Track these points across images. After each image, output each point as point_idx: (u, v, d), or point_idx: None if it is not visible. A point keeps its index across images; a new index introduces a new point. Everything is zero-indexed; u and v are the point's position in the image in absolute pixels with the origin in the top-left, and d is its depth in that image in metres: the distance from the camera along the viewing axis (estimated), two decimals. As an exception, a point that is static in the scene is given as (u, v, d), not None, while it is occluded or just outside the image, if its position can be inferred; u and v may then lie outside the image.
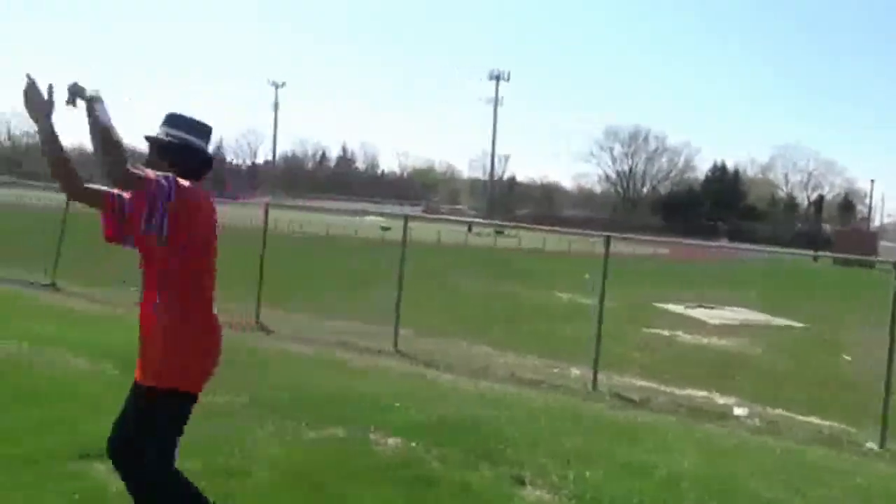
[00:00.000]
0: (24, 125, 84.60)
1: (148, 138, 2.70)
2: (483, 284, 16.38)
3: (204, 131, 2.73)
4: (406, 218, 9.00)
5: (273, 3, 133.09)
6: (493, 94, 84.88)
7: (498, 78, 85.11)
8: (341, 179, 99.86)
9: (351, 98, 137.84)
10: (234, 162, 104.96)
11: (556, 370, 7.53)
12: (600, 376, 7.00)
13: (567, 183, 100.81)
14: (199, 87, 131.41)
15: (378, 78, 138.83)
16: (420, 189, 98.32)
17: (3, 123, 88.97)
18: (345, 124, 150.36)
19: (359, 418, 4.72)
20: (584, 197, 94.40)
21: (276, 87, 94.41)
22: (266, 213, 9.63)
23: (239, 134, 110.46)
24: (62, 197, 11.74)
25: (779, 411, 6.52)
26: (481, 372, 7.11)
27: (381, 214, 25.79)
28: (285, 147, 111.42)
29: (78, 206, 2.94)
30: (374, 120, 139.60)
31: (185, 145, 2.64)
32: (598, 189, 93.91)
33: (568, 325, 10.26)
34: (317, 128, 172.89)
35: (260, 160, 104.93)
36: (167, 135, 2.66)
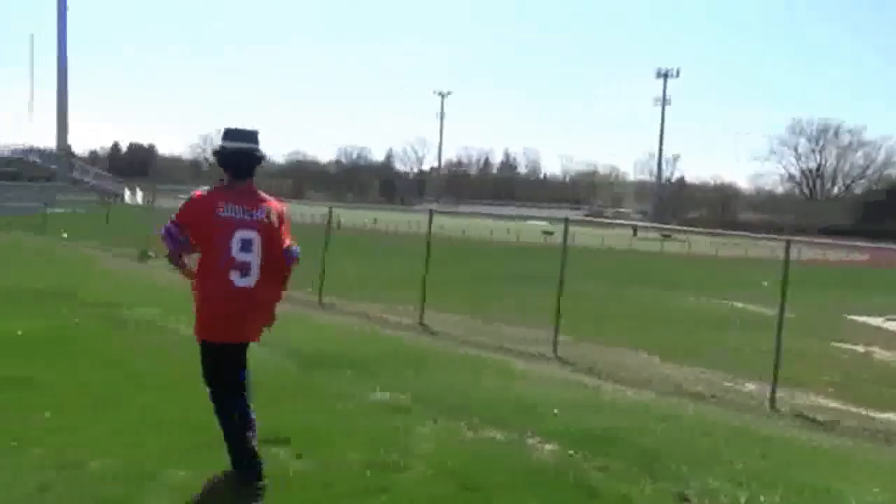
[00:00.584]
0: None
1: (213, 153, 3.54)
2: (649, 291, 15.69)
3: (249, 136, 3.41)
4: (566, 221, 8.88)
5: (435, 15, 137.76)
6: (660, 93, 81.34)
7: (666, 75, 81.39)
8: (504, 184, 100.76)
9: (514, 103, 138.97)
10: (402, 170, 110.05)
11: (728, 384, 7.01)
12: (780, 393, 6.41)
13: (743, 183, 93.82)
14: (370, 101, 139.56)
15: (540, 82, 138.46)
16: (583, 193, 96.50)
17: (208, 143, 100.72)
18: (508, 130, 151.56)
19: (516, 422, 4.72)
20: (763, 198, 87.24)
21: (442, 96, 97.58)
22: (430, 219, 9.96)
23: (406, 143, 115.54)
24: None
25: None
26: (645, 382, 6.80)
27: (543, 219, 25.67)
28: (450, 154, 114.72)
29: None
30: (537, 124, 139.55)
31: (233, 152, 3.38)
32: (779, 189, 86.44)
33: (743, 337, 9.51)
34: (481, 134, 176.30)
35: (426, 167, 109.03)
36: (221, 147, 3.41)
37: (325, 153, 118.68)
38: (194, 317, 3.38)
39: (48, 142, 52.09)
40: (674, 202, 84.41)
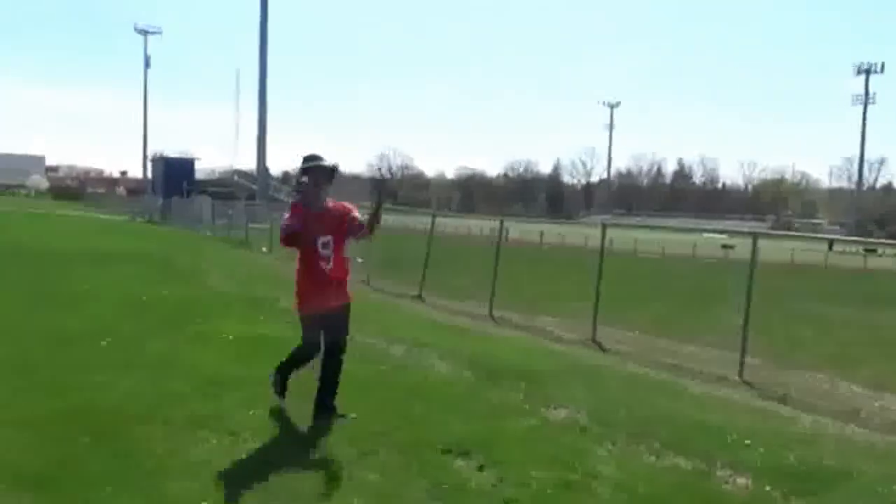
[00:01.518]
0: (399, 160, 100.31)
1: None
2: (851, 312, 14.03)
3: (311, 157, 4.69)
4: (755, 235, 8.22)
5: (601, 25, 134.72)
6: (860, 91, 72.97)
7: (868, 71, 72.93)
8: (678, 195, 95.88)
9: (688, 109, 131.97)
10: (570, 182, 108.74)
11: (958, 424, 6.04)
12: None
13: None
14: (537, 114, 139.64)
15: (718, 84, 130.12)
16: (768, 202, 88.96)
17: (384, 161, 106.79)
18: (681, 137, 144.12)
19: (702, 450, 4.42)
20: None
21: (611, 107, 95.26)
22: (603, 232, 9.71)
23: (574, 155, 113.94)
24: (428, 220, 13.53)
25: None
26: (851, 415, 6.06)
27: (724, 231, 23.98)
28: (620, 164, 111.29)
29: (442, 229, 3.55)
30: (715, 130, 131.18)
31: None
32: None
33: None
34: (652, 143, 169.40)
35: (594, 179, 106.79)
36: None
37: (492, 166, 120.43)
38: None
39: (250, 164, 58.35)
40: (878, 211, 74.92)
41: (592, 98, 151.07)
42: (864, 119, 73.60)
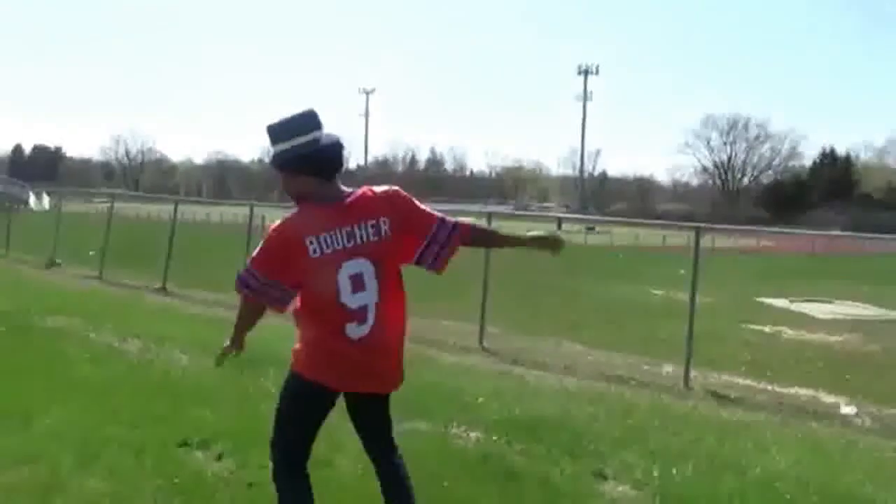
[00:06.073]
0: (139, 143, 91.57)
1: (273, 165, 2.55)
2: (574, 282, 16.12)
3: (308, 125, 2.50)
4: (489, 216, 9.02)
5: (355, 13, 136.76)
6: (581, 90, 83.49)
7: (587, 72, 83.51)
8: (432, 181, 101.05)
9: (441, 99, 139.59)
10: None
11: (646, 367, 7.32)
12: (694, 374, 6.75)
13: (662, 177, 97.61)
14: (294, 92, 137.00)
15: (466, 80, 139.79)
16: (509, 188, 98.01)
17: (121, 143, 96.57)
18: (434, 127, 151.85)
19: (441, 413, 4.77)
20: (681, 191, 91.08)
21: (367, 93, 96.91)
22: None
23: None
24: (171, 208, 12.52)
25: (894, 411, 6.05)
26: (569, 369, 7.03)
27: (470, 213, 25.82)
28: (376, 152, 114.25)
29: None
30: (463, 122, 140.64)
31: (297, 155, 2.47)
32: (694, 182, 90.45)
33: (662, 323, 9.94)
34: (406, 132, 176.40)
35: (353, 166, 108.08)
36: (278, 153, 2.51)
37: (246, 152, 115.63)
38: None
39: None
40: (597, 196, 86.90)
41: (349, 85, 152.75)
42: (584, 115, 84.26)
